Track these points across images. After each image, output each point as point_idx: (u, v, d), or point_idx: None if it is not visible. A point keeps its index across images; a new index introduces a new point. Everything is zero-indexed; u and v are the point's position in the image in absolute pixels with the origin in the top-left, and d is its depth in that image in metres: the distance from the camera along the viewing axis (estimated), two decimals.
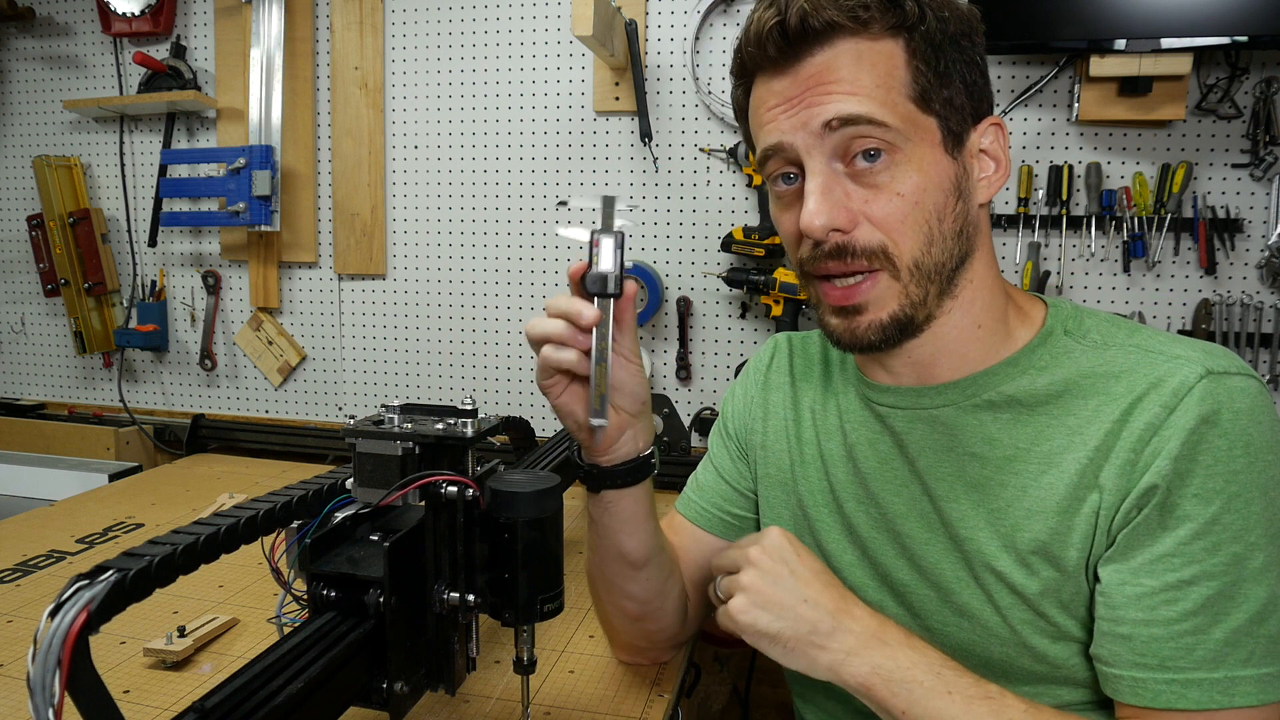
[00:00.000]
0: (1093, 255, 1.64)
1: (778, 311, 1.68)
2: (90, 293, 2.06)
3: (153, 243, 2.07)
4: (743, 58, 0.75)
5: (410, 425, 0.72)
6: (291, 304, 2.05)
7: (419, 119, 1.93)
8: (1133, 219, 1.61)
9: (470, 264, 1.94)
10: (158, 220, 2.05)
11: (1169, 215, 1.59)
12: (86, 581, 0.51)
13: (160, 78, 2.00)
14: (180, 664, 0.96)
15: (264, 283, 2.03)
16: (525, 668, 0.75)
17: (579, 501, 1.53)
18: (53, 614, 0.48)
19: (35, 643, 0.47)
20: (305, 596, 0.69)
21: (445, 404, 0.74)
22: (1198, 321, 1.60)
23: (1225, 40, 1.45)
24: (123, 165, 2.08)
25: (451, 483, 0.68)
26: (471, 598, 0.70)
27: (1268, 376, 1.59)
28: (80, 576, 0.51)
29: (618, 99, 1.79)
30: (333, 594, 0.68)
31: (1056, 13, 1.51)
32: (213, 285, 2.06)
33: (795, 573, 0.71)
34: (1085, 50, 1.52)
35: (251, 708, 0.56)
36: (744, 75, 0.76)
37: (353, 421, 0.72)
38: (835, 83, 0.69)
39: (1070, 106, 1.62)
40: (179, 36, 2.02)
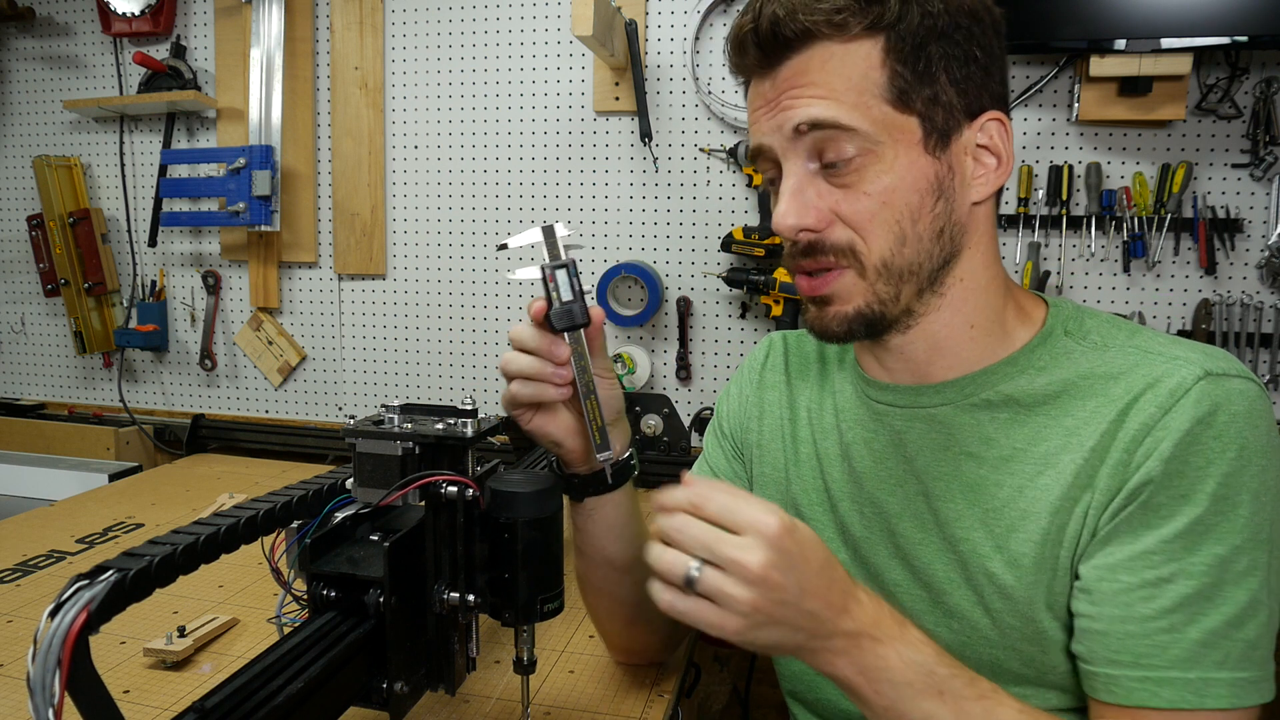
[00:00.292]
0: (1093, 255, 1.64)
1: (778, 311, 1.68)
2: (90, 293, 2.06)
3: (153, 243, 2.07)
4: (731, 59, 0.76)
5: (410, 425, 0.72)
6: (291, 304, 2.05)
7: (419, 119, 1.93)
8: (1133, 219, 1.61)
9: (470, 264, 1.94)
10: (158, 220, 2.05)
11: (1169, 215, 1.59)
12: (86, 581, 0.51)
13: (160, 78, 2.00)
14: (180, 664, 0.96)
15: (264, 283, 2.03)
16: (525, 668, 0.75)
17: None
18: (53, 614, 0.48)
19: (35, 643, 0.47)
20: (305, 596, 0.69)
21: (445, 404, 0.74)
22: (1198, 321, 1.60)
23: (1225, 40, 1.45)
24: (123, 165, 2.08)
25: (451, 483, 0.68)
26: (471, 598, 0.70)
27: (1268, 377, 1.59)
28: (80, 576, 0.52)
29: (618, 99, 1.79)
30: (333, 594, 0.68)
31: (1056, 13, 1.51)
32: (213, 285, 2.06)
33: (802, 584, 0.61)
34: (1085, 50, 1.52)
35: (251, 708, 0.56)
36: (739, 73, 0.77)
37: (353, 421, 0.72)
38: (806, 86, 0.69)
39: (1070, 106, 1.62)
40: (179, 36, 2.02)
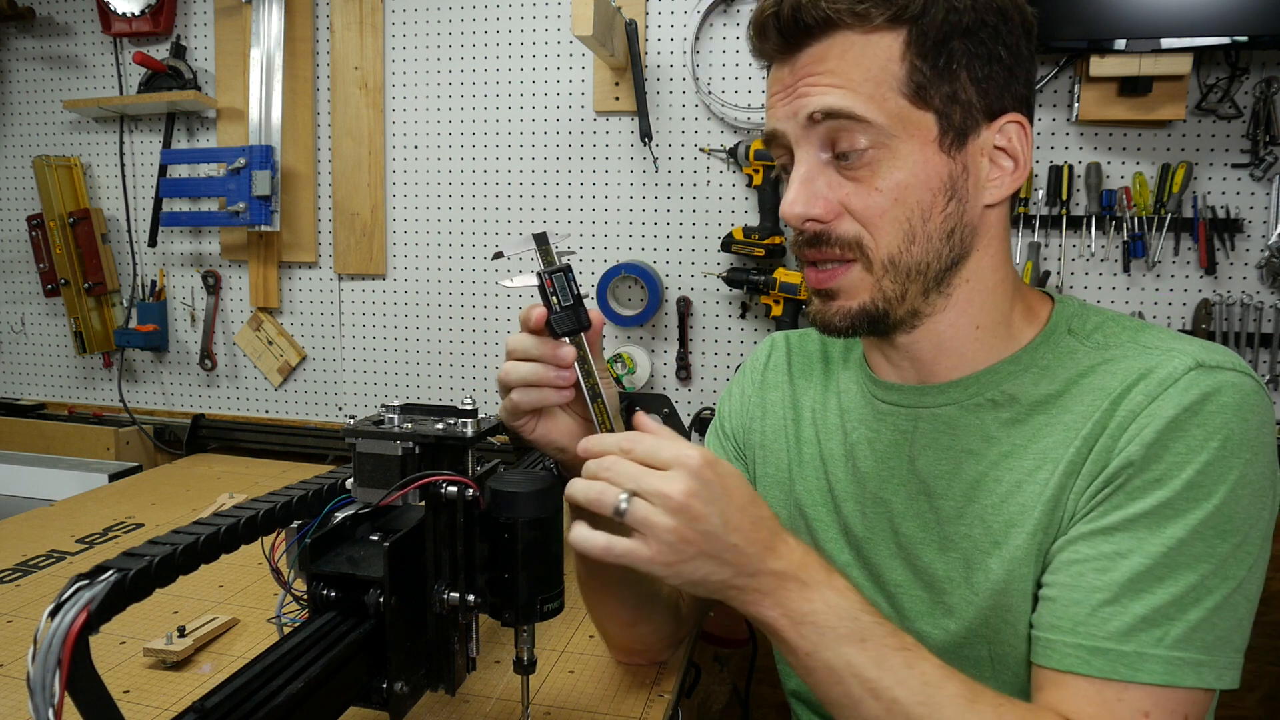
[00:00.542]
0: (1093, 255, 1.64)
1: (778, 311, 1.68)
2: (90, 293, 2.06)
3: (153, 243, 2.07)
4: (751, 44, 0.75)
5: (410, 425, 0.72)
6: (291, 304, 2.05)
7: (419, 119, 1.93)
8: (1133, 219, 1.61)
9: (470, 264, 1.94)
10: (158, 220, 2.05)
11: (1169, 215, 1.59)
12: (86, 581, 0.51)
13: (160, 78, 2.00)
14: (180, 664, 0.96)
15: (264, 283, 2.03)
16: (525, 668, 0.75)
17: None
18: (53, 614, 0.48)
19: (35, 643, 0.47)
20: (305, 596, 0.69)
21: (445, 404, 0.74)
22: (1198, 321, 1.60)
23: (1225, 40, 1.45)
24: (123, 165, 2.08)
25: (451, 483, 0.68)
26: (471, 598, 0.70)
27: (1268, 377, 1.59)
28: (80, 576, 0.52)
29: (618, 99, 1.79)
30: (333, 594, 0.68)
31: (1056, 13, 1.51)
32: (213, 285, 2.06)
33: (725, 514, 0.60)
34: (1085, 50, 1.52)
35: (251, 708, 0.56)
36: (759, 58, 0.76)
37: (353, 421, 0.72)
38: (823, 74, 0.69)
39: (1070, 106, 1.62)
40: (179, 36, 2.02)
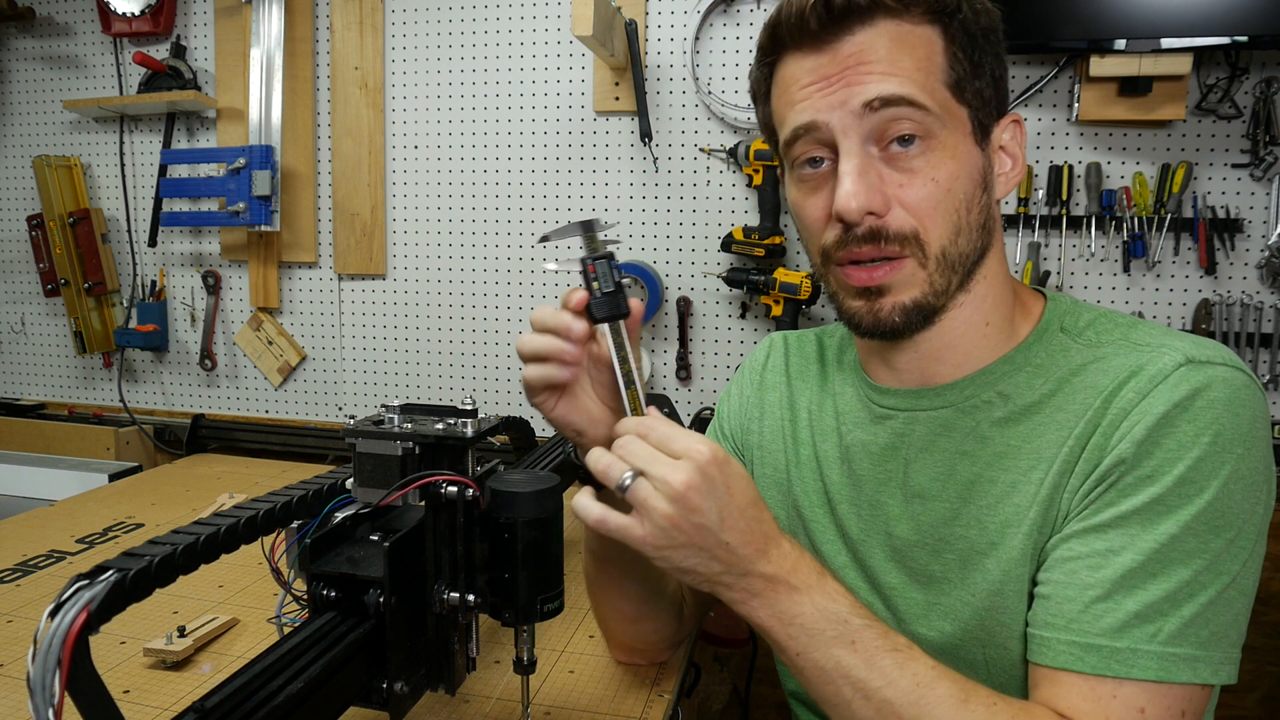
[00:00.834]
0: (1093, 255, 1.64)
1: (778, 311, 1.68)
2: (90, 293, 2.06)
3: (153, 243, 2.07)
4: (777, 32, 0.73)
5: (410, 425, 0.72)
6: (291, 304, 2.05)
7: (419, 119, 1.93)
8: (1133, 219, 1.61)
9: (470, 264, 1.94)
10: (158, 220, 2.05)
11: (1169, 215, 1.59)
12: (86, 581, 0.51)
13: (160, 78, 2.00)
14: (180, 664, 0.96)
15: (264, 283, 2.03)
16: (525, 668, 0.75)
17: None
18: (53, 614, 0.48)
19: (35, 643, 0.47)
20: (305, 596, 0.69)
21: (445, 404, 0.74)
22: (1198, 321, 1.60)
23: (1225, 40, 1.45)
24: (123, 165, 2.08)
25: (451, 483, 0.68)
26: (471, 598, 0.70)
27: (1268, 376, 1.59)
28: (80, 576, 0.52)
29: (618, 99, 1.79)
30: (333, 594, 0.68)
31: (1056, 13, 1.51)
32: (213, 285, 2.06)
33: (723, 512, 0.62)
34: (1085, 50, 1.52)
35: (251, 708, 0.56)
36: (773, 51, 0.75)
37: (353, 421, 0.72)
38: (875, 62, 0.68)
39: (1070, 106, 1.62)
40: (179, 36, 2.02)
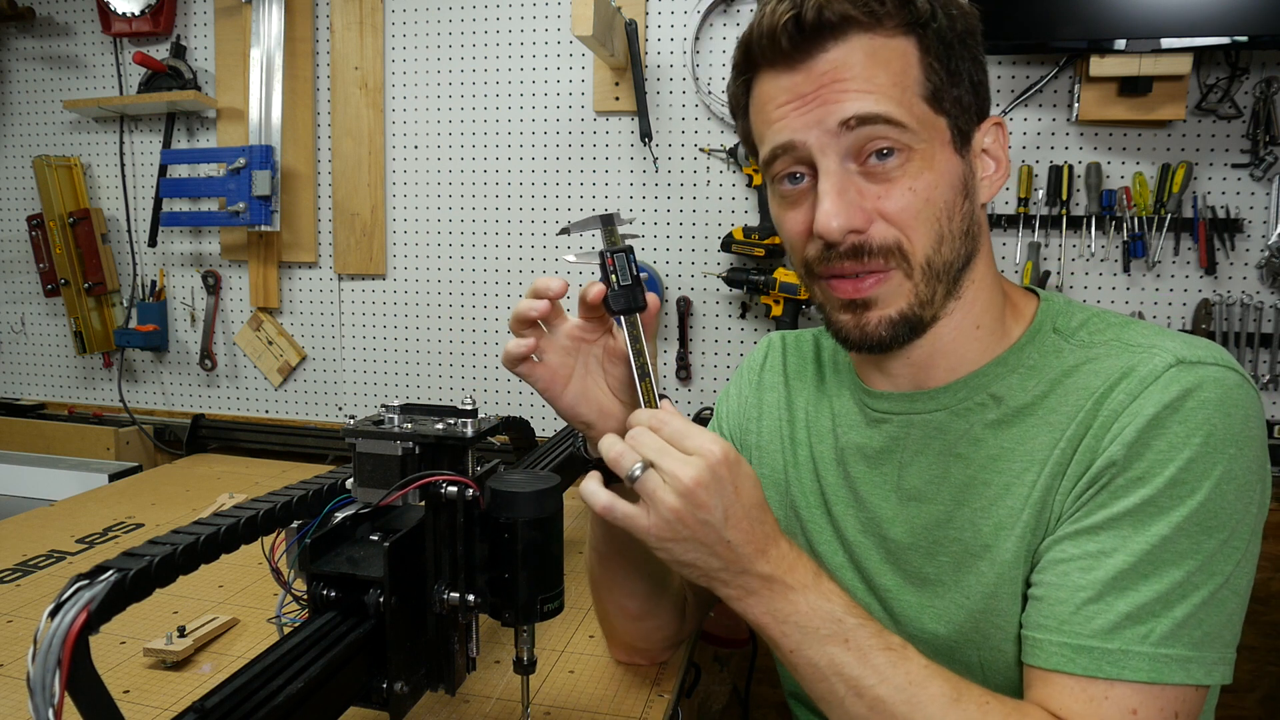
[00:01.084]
0: (1093, 255, 1.64)
1: (778, 311, 1.68)
2: (90, 293, 2.06)
3: (153, 243, 2.07)
4: (750, 50, 0.73)
5: (410, 425, 0.72)
6: (291, 304, 2.05)
7: (419, 119, 1.93)
8: (1133, 219, 1.61)
9: (470, 264, 1.94)
10: (158, 220, 2.05)
11: (1169, 215, 1.59)
12: (86, 581, 0.51)
13: (160, 78, 2.00)
14: (180, 664, 0.96)
15: (264, 283, 2.03)
16: (525, 668, 0.75)
17: (579, 501, 1.52)
18: (53, 614, 0.48)
19: (35, 643, 0.47)
20: (305, 596, 0.69)
21: (445, 404, 0.74)
22: (1198, 321, 1.60)
23: (1225, 40, 1.45)
24: (123, 165, 2.08)
25: (451, 483, 0.68)
26: (471, 598, 0.70)
27: (1268, 376, 1.59)
28: (80, 576, 0.52)
29: (618, 99, 1.79)
30: (333, 594, 0.68)
31: (1056, 13, 1.51)
32: (213, 285, 2.06)
33: (728, 511, 0.63)
34: (1085, 50, 1.52)
35: (251, 708, 0.56)
36: (748, 69, 0.74)
37: (353, 421, 0.72)
38: (850, 79, 0.68)
39: (1070, 106, 1.62)
40: (179, 36, 2.02)
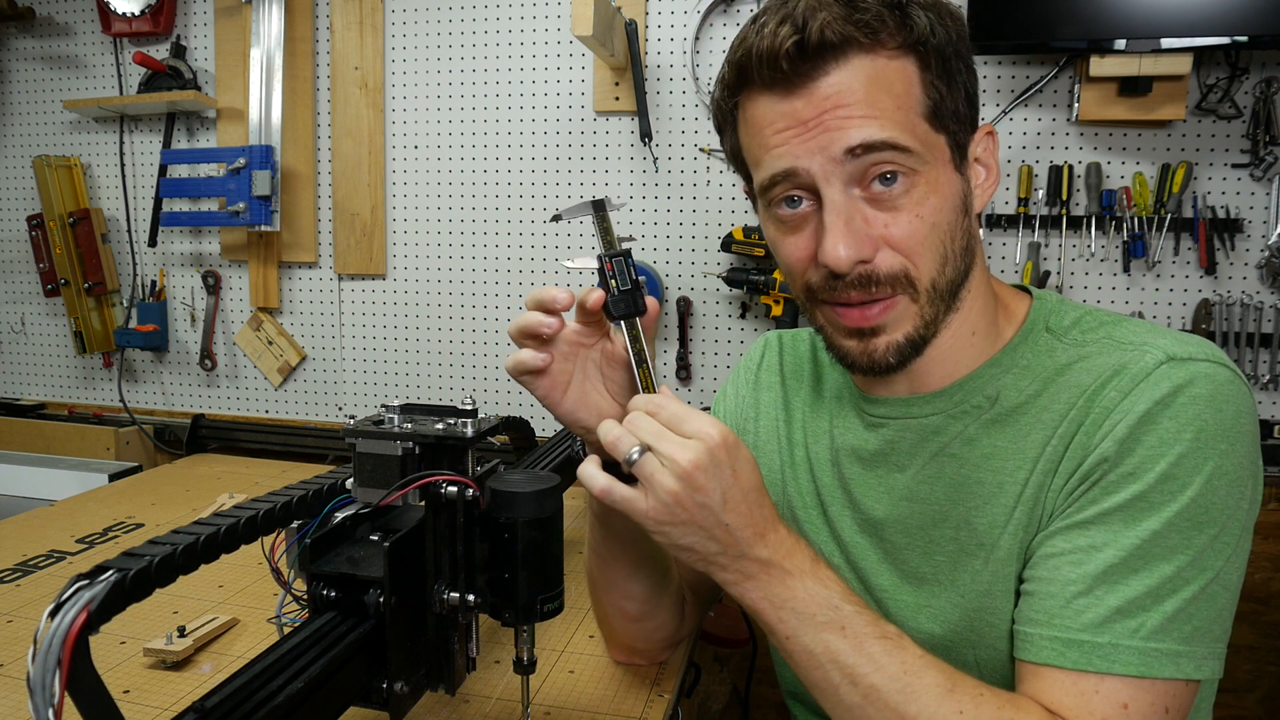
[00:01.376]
0: (1093, 255, 1.64)
1: (778, 311, 1.68)
2: (90, 293, 2.06)
3: (153, 243, 2.07)
4: (744, 70, 0.70)
5: (410, 425, 0.72)
6: (291, 304, 2.05)
7: (419, 119, 1.93)
8: (1133, 219, 1.61)
9: (470, 264, 1.94)
10: (158, 220, 2.05)
11: (1169, 215, 1.59)
12: (86, 581, 0.51)
13: (160, 78, 2.00)
14: (180, 664, 0.96)
15: (264, 283, 2.03)
16: (525, 668, 0.75)
17: (579, 501, 1.52)
18: (53, 614, 0.48)
19: (35, 643, 0.47)
20: (305, 596, 0.69)
21: (445, 404, 0.74)
22: (1198, 321, 1.60)
23: (1225, 40, 1.45)
24: (123, 165, 2.08)
25: (451, 483, 0.68)
26: (471, 598, 0.70)
27: (1268, 376, 1.59)
28: (80, 576, 0.52)
29: (618, 99, 1.79)
30: (333, 594, 0.68)
31: (1056, 13, 1.50)
32: (213, 285, 2.06)
33: (726, 494, 0.64)
34: (1085, 50, 1.52)
35: (251, 708, 0.56)
36: (740, 89, 0.72)
37: (353, 421, 0.72)
38: (854, 105, 0.66)
39: (1070, 106, 1.62)
40: (179, 36, 2.02)
